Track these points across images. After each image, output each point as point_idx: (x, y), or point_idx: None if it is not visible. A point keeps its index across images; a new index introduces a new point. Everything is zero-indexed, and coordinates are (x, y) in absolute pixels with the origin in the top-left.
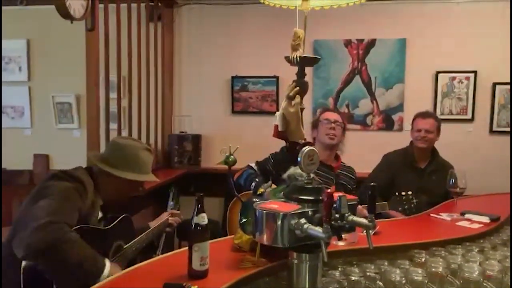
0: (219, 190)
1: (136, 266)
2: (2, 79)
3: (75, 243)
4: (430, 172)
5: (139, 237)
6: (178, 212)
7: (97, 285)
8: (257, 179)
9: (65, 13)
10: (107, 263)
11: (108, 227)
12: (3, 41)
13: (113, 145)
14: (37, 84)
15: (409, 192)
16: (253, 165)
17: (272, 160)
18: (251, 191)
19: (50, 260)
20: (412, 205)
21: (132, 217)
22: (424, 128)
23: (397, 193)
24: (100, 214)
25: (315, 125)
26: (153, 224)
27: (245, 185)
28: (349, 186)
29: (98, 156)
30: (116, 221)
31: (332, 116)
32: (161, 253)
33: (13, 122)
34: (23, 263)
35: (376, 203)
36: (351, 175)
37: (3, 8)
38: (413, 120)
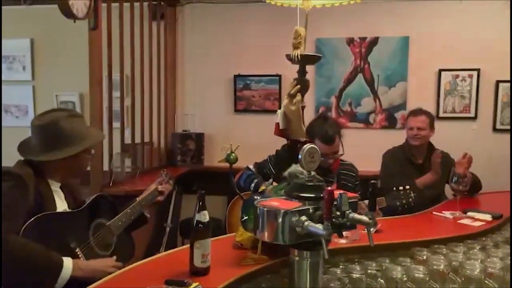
0: (222, 189)
1: (138, 263)
2: (7, 78)
3: (17, 252)
4: (429, 166)
5: (124, 211)
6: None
7: (97, 282)
8: (256, 179)
9: (68, 13)
10: (67, 261)
11: (79, 209)
12: (7, 40)
13: (33, 129)
14: (41, 83)
15: (407, 187)
16: (251, 166)
17: (270, 162)
18: (251, 192)
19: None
20: (410, 199)
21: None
22: (415, 126)
23: (394, 188)
24: (65, 206)
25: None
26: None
27: (244, 186)
28: (350, 185)
29: (26, 146)
30: (88, 202)
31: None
32: (164, 251)
33: (17, 121)
34: None
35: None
36: (351, 173)
37: (7, 7)
38: (406, 118)
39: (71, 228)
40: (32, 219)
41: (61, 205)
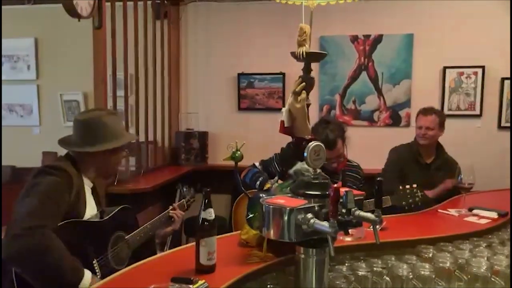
0: (226, 187)
1: (144, 261)
2: (11, 78)
3: (53, 251)
4: (435, 168)
5: (143, 226)
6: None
7: (104, 280)
8: (261, 177)
9: (72, 12)
10: (88, 274)
11: (105, 218)
12: (11, 40)
13: (76, 124)
14: (45, 82)
15: (414, 185)
16: (257, 163)
17: (275, 160)
18: (256, 189)
19: (27, 267)
20: (417, 199)
21: (139, 214)
22: (424, 125)
23: (401, 187)
24: (95, 210)
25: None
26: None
27: (250, 183)
28: (354, 187)
29: (67, 140)
30: (113, 212)
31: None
32: (168, 249)
33: (22, 120)
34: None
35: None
36: (356, 175)
37: (11, 7)
38: (416, 116)
39: (93, 238)
40: (60, 223)
41: (91, 208)
